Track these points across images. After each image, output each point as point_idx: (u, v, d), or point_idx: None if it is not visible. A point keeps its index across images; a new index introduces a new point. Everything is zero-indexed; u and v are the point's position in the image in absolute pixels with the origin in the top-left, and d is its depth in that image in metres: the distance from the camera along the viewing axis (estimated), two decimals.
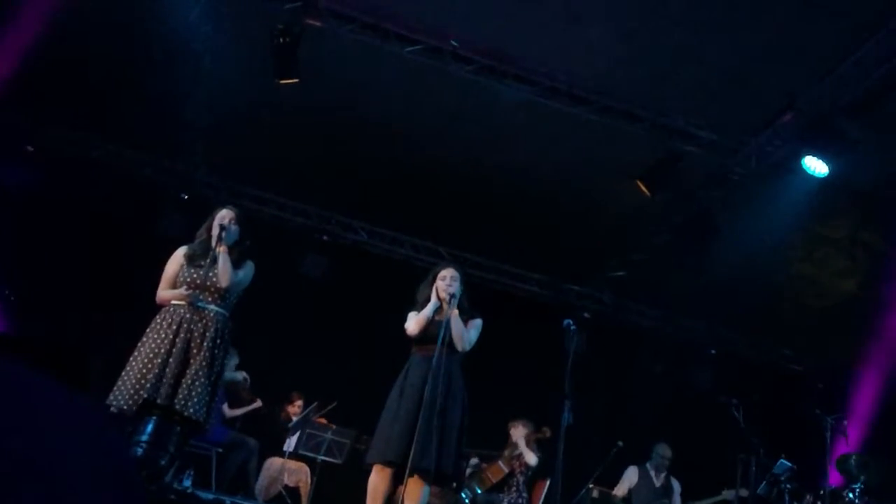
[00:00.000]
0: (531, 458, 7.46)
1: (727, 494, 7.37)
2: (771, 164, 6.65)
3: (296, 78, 6.25)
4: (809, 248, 7.88)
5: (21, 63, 6.84)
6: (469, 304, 4.77)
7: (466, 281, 4.83)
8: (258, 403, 7.72)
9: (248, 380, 7.50)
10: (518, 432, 7.61)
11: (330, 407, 7.71)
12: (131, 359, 4.40)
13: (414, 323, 4.63)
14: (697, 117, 6.56)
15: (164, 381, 4.28)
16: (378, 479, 4.44)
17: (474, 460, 7.70)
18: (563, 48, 6.16)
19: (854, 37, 5.33)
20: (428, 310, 4.62)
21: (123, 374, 4.35)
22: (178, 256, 4.69)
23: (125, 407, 4.21)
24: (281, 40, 6.04)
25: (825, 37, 5.42)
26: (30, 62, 6.97)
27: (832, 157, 6.12)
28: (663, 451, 7.98)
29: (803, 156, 6.27)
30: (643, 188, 6.81)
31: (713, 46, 5.80)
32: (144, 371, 4.31)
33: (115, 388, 4.31)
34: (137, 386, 4.27)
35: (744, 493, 6.93)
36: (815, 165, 6.26)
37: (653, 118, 6.57)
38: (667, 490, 7.89)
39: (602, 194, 7.78)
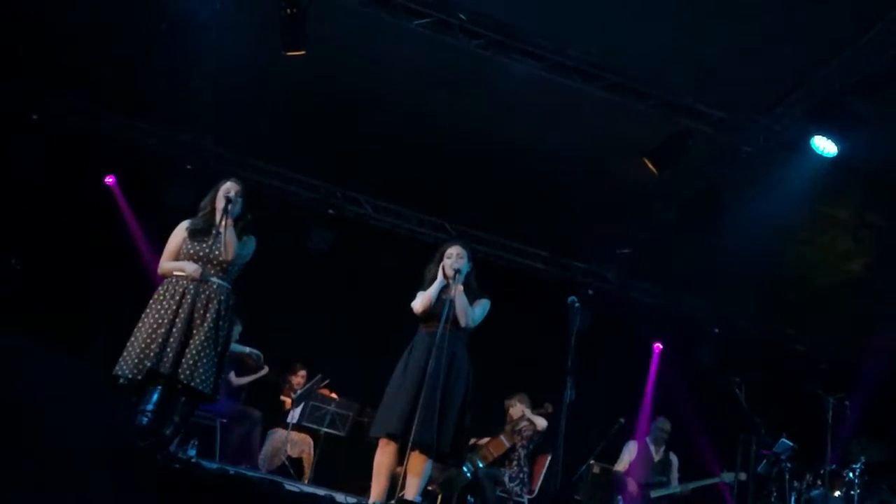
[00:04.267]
0: (541, 422, 7.43)
1: (726, 476, 7.42)
2: (779, 143, 6.62)
3: (302, 50, 6.20)
4: (816, 228, 7.86)
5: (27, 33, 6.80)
6: (477, 285, 4.77)
7: (474, 258, 4.83)
8: (265, 370, 7.73)
9: (262, 357, 7.48)
10: (517, 410, 7.62)
11: (325, 382, 7.70)
12: (135, 329, 4.44)
13: (420, 301, 4.66)
14: (706, 95, 6.51)
15: (168, 350, 4.31)
16: (383, 455, 4.50)
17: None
18: (571, 24, 6.10)
19: (865, 17, 5.27)
20: (433, 288, 4.64)
21: (128, 344, 4.40)
22: (181, 230, 4.70)
23: (130, 377, 4.25)
24: (288, 11, 5.99)
25: (836, 16, 5.36)
26: (36, 32, 6.93)
27: (841, 137, 6.08)
28: (662, 424, 8.06)
29: (812, 135, 6.24)
30: (650, 166, 6.79)
31: (723, 24, 5.74)
32: (149, 341, 4.35)
33: (120, 359, 4.35)
34: (142, 356, 4.31)
35: (743, 476, 6.98)
36: (824, 145, 6.23)
37: (661, 95, 6.52)
38: (665, 465, 7.95)
39: (609, 171, 7.74)
